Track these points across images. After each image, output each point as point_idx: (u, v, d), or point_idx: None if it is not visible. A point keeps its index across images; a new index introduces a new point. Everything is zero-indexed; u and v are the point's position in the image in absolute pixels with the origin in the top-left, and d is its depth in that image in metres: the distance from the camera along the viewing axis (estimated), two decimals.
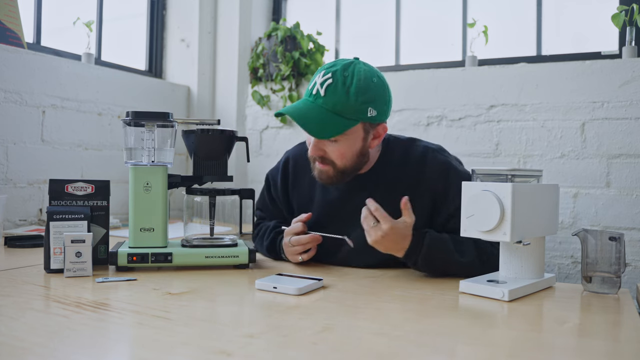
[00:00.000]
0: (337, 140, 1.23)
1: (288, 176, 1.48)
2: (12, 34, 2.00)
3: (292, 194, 1.48)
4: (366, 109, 1.21)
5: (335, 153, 1.25)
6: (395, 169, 1.33)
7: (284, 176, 1.48)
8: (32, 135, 2.03)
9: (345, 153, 1.25)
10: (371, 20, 2.76)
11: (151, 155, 1.28)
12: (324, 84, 1.21)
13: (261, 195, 1.60)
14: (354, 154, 1.27)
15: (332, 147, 1.25)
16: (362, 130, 1.25)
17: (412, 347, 0.77)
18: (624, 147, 2.02)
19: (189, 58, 2.80)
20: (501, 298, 1.02)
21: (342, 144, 1.24)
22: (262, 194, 1.59)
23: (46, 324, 0.84)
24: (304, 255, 1.35)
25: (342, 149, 1.24)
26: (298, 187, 1.46)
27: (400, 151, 1.36)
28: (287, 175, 1.48)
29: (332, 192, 1.38)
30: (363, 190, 1.32)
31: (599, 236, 1.08)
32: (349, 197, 1.35)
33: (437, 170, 1.31)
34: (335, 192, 1.38)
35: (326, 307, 0.98)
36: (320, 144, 1.25)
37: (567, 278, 2.10)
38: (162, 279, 1.17)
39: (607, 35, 2.22)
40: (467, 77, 2.29)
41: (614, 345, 0.81)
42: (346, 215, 1.33)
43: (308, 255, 1.36)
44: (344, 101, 1.20)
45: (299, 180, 1.46)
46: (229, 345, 0.75)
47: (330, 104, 1.20)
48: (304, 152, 1.39)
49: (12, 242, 1.61)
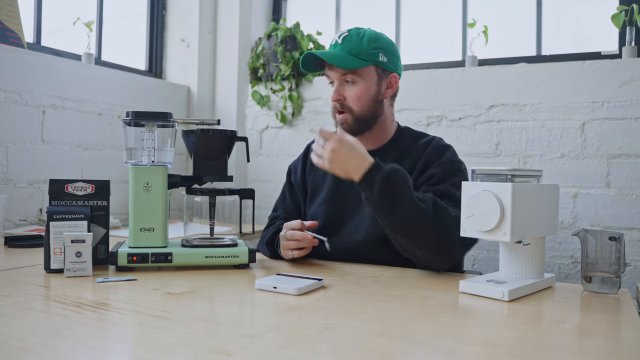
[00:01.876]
0: (355, 82, 1.39)
1: (307, 162, 1.59)
2: (12, 34, 2.00)
3: (308, 177, 1.57)
4: (377, 53, 1.39)
5: (353, 96, 1.39)
6: (403, 151, 1.44)
7: (303, 163, 1.60)
8: (32, 135, 2.03)
9: (362, 96, 1.39)
10: (371, 20, 2.76)
11: (151, 155, 1.28)
12: (341, 36, 1.40)
13: (280, 195, 1.66)
14: (370, 99, 1.40)
15: (350, 90, 1.39)
16: (375, 74, 1.40)
17: (412, 347, 0.77)
18: (624, 147, 2.02)
19: (189, 58, 2.80)
20: (501, 298, 1.02)
21: (359, 86, 1.39)
22: (283, 190, 1.65)
23: (46, 324, 0.84)
24: (295, 252, 1.36)
25: (359, 92, 1.38)
26: (315, 170, 1.55)
27: (412, 137, 1.49)
28: (307, 160, 1.59)
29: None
30: None
31: (599, 236, 1.08)
32: None
33: (437, 149, 1.42)
34: None
35: (326, 307, 0.98)
36: (340, 89, 1.40)
37: (567, 278, 2.10)
38: (162, 279, 1.17)
39: (607, 35, 2.22)
40: (467, 77, 2.29)
41: (614, 345, 0.80)
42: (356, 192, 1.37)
43: (300, 253, 1.36)
44: (358, 46, 1.37)
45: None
46: (229, 345, 0.75)
47: (347, 48, 1.38)
48: None
49: (12, 242, 1.61)
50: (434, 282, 1.19)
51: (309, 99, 2.67)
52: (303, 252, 1.37)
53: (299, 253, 1.36)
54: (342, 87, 1.40)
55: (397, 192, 1.20)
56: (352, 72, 1.38)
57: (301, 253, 1.37)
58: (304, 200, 1.57)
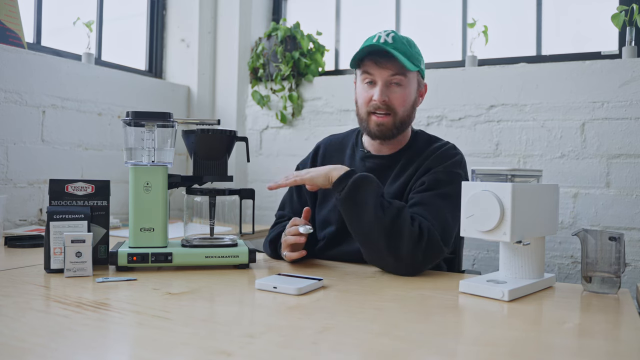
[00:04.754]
0: (402, 85, 1.38)
1: (317, 162, 1.58)
2: (12, 34, 2.00)
3: None
4: (420, 60, 1.42)
5: (399, 99, 1.38)
6: (417, 154, 1.43)
7: (313, 163, 1.59)
8: (32, 135, 2.03)
9: (406, 100, 1.39)
10: (371, 20, 2.76)
11: (151, 155, 1.28)
12: (389, 35, 1.36)
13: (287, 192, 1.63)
14: (410, 104, 1.41)
15: (397, 92, 1.38)
16: (416, 80, 1.42)
17: (412, 347, 0.77)
18: (624, 147, 2.02)
19: (189, 58, 2.80)
20: (501, 298, 1.02)
21: (405, 89, 1.39)
22: (290, 188, 1.62)
23: (46, 324, 0.84)
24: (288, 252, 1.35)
25: (405, 95, 1.39)
26: None
27: (425, 141, 1.48)
28: (316, 161, 1.58)
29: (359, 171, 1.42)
30: (384, 171, 1.44)
31: (599, 236, 1.08)
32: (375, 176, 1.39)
33: (439, 157, 1.40)
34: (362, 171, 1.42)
35: (326, 307, 0.98)
36: (387, 90, 1.37)
37: (567, 278, 2.10)
38: (162, 279, 1.17)
39: (607, 35, 2.22)
40: (467, 77, 2.29)
41: (614, 345, 0.80)
42: None
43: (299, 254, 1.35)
44: (408, 49, 1.37)
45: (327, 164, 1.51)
46: (229, 345, 0.75)
47: (400, 49, 1.36)
48: (335, 140, 1.59)
49: (12, 242, 1.61)
50: (434, 282, 1.19)
51: (309, 99, 2.67)
52: (303, 252, 1.36)
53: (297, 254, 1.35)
54: (387, 89, 1.38)
55: (365, 193, 1.23)
56: (403, 74, 1.36)
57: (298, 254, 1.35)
58: (312, 202, 1.54)
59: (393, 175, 1.43)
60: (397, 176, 1.42)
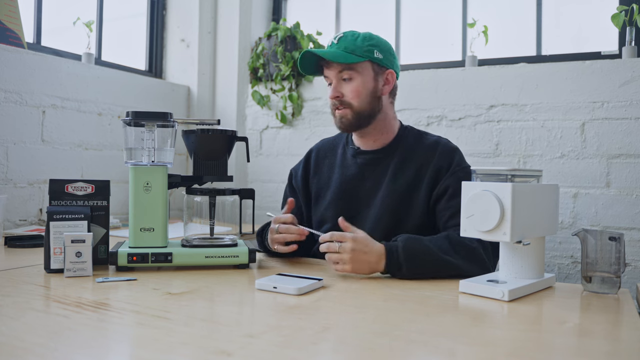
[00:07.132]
0: (352, 78, 1.42)
1: (310, 166, 1.61)
2: (12, 34, 2.00)
3: (312, 181, 1.59)
4: (372, 50, 1.42)
5: (352, 93, 1.42)
6: (408, 150, 1.47)
7: (305, 167, 1.62)
8: (32, 135, 2.03)
9: (360, 91, 1.41)
10: (371, 20, 2.76)
11: (151, 155, 1.28)
12: (337, 37, 1.44)
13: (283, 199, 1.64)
14: (368, 94, 1.43)
15: (348, 86, 1.42)
16: (371, 69, 1.43)
17: (412, 347, 0.77)
18: (624, 147, 2.02)
19: (189, 58, 2.80)
20: (501, 298, 1.02)
21: (356, 81, 1.41)
22: (285, 194, 1.65)
23: (46, 324, 0.84)
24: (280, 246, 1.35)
25: (357, 87, 1.41)
26: (319, 173, 1.58)
27: (415, 136, 1.51)
28: (309, 165, 1.61)
29: (350, 168, 1.50)
30: (378, 166, 1.47)
31: (599, 236, 1.08)
32: (365, 173, 1.48)
33: (446, 152, 1.44)
34: (353, 168, 1.50)
35: (326, 307, 0.98)
36: (338, 86, 1.43)
37: (567, 278, 2.10)
38: (162, 279, 1.17)
39: (607, 35, 2.22)
40: (467, 77, 2.29)
41: (614, 345, 0.80)
42: (363, 192, 1.46)
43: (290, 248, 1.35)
44: (353, 44, 1.41)
45: (320, 166, 1.59)
46: (229, 345, 0.75)
47: (342, 47, 1.42)
48: (326, 143, 1.63)
49: (12, 242, 1.61)
50: (434, 282, 1.19)
51: (309, 99, 2.67)
52: (293, 247, 1.35)
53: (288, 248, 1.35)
54: (340, 85, 1.43)
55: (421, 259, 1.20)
56: (349, 68, 1.40)
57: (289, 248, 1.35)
58: (306, 204, 1.58)
59: (391, 172, 1.44)
60: (397, 173, 1.43)
